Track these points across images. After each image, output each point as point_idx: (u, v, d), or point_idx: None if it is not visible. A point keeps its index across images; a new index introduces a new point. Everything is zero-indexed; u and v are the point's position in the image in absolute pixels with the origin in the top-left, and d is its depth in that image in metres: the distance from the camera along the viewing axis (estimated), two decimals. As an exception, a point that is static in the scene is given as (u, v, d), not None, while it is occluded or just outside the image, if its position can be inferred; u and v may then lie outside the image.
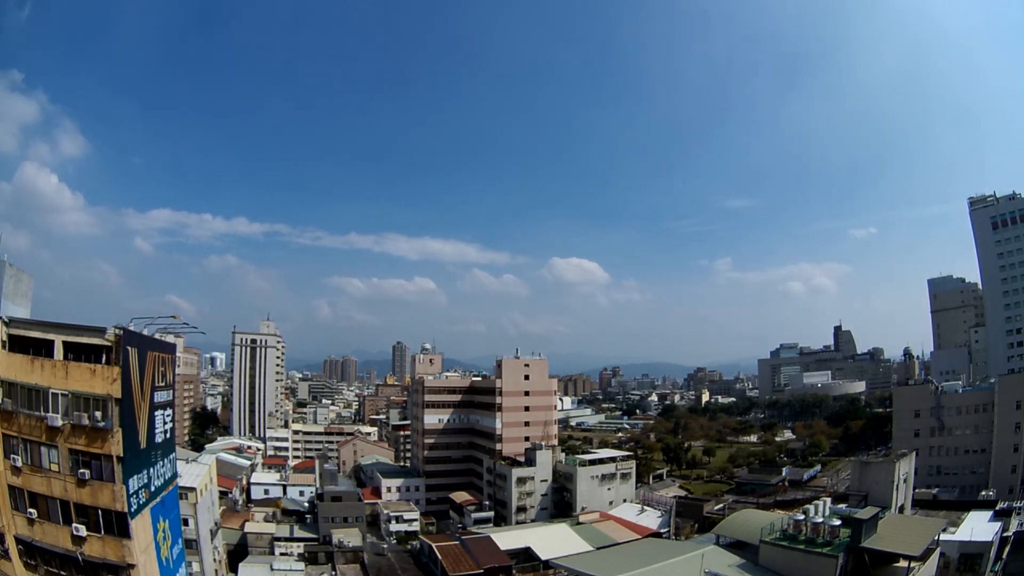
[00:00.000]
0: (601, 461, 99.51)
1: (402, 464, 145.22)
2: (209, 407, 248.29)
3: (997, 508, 65.51)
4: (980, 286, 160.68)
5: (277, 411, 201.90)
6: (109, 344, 32.09)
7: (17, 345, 32.17)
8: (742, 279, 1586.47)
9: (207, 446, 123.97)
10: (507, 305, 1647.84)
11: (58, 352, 32.12)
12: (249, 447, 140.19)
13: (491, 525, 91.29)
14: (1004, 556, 54.12)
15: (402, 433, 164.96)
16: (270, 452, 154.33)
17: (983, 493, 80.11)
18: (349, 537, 74.34)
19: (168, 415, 39.35)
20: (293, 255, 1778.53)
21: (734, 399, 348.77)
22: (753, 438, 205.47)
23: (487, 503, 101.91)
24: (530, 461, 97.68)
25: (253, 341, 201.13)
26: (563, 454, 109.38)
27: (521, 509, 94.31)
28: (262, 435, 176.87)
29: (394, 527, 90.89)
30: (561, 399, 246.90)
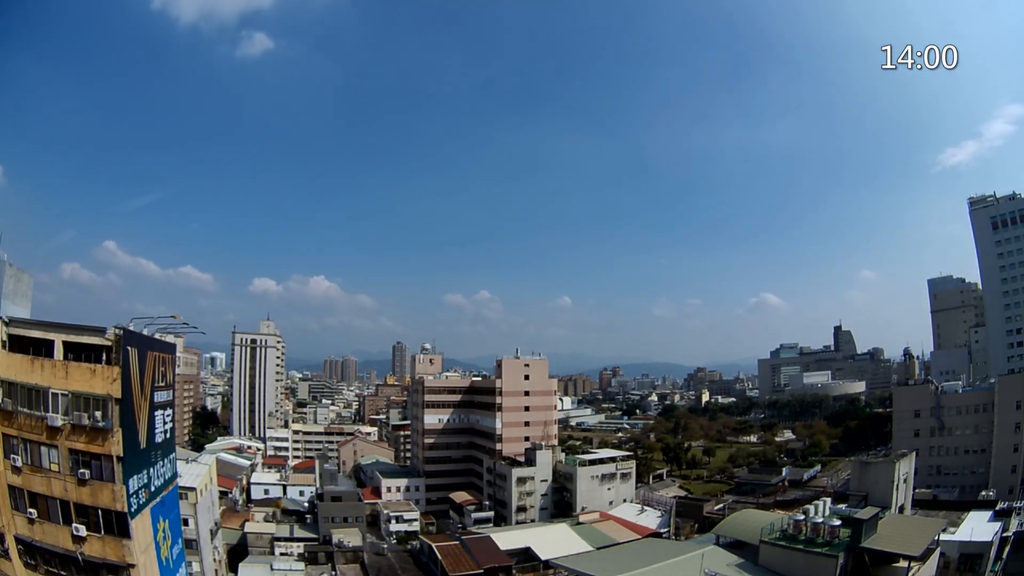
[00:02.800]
0: (601, 461, 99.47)
1: (402, 464, 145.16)
2: (209, 407, 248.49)
3: (997, 508, 65.57)
4: (980, 286, 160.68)
5: (277, 411, 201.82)
6: (109, 344, 32.11)
7: (17, 345, 32.18)
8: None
9: (207, 446, 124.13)
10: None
11: (58, 352, 32.15)
12: (249, 447, 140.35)
13: (491, 525, 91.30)
14: (1004, 556, 54.18)
15: (402, 433, 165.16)
16: (270, 452, 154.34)
17: (983, 493, 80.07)
18: (349, 537, 74.32)
19: (168, 415, 39.37)
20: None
21: (734, 399, 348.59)
22: (753, 438, 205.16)
23: (487, 503, 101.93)
24: (530, 461, 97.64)
25: (253, 341, 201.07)
26: (563, 454, 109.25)
27: (521, 509, 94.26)
28: (262, 435, 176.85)
29: (394, 527, 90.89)
30: (561, 399, 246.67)
